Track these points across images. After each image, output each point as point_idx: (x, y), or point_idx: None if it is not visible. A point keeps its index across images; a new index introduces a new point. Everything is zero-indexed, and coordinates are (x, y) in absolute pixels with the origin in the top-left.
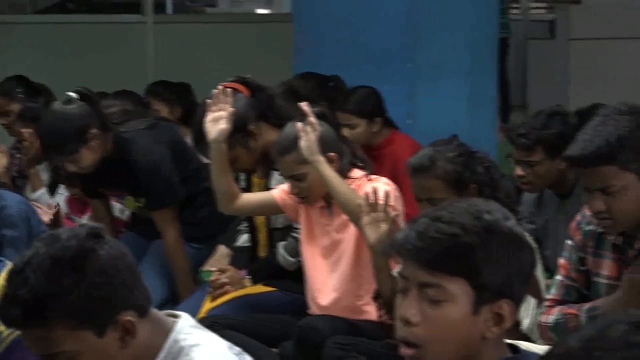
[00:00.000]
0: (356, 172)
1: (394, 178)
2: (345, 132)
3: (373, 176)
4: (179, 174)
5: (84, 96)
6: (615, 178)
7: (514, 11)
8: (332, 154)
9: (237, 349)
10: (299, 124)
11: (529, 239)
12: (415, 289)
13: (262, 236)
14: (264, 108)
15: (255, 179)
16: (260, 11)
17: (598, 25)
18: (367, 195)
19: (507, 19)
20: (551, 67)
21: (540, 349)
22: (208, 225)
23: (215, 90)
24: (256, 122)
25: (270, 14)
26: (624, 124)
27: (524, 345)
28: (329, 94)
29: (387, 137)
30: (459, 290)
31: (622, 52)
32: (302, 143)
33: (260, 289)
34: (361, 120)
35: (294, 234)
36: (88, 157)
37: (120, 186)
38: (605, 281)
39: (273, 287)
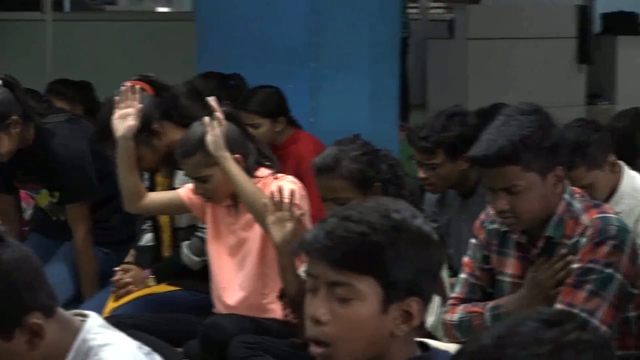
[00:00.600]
0: (262, 171)
1: (297, 177)
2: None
3: (279, 175)
4: (95, 172)
5: (6, 83)
6: (518, 178)
7: (413, 11)
8: (238, 155)
9: (147, 348)
10: (206, 119)
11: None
12: (324, 288)
13: (166, 236)
14: (168, 107)
15: (160, 179)
16: (160, 9)
17: (496, 25)
18: (272, 194)
19: (407, 18)
20: (450, 66)
21: (446, 346)
22: (120, 230)
23: (123, 87)
24: (160, 121)
25: (171, 12)
26: (527, 124)
27: (432, 343)
28: (230, 93)
29: (290, 136)
30: (367, 289)
31: (519, 51)
32: (208, 138)
33: (164, 288)
34: (264, 120)
35: (198, 234)
36: (6, 144)
37: (36, 178)
38: (509, 279)
39: (177, 286)
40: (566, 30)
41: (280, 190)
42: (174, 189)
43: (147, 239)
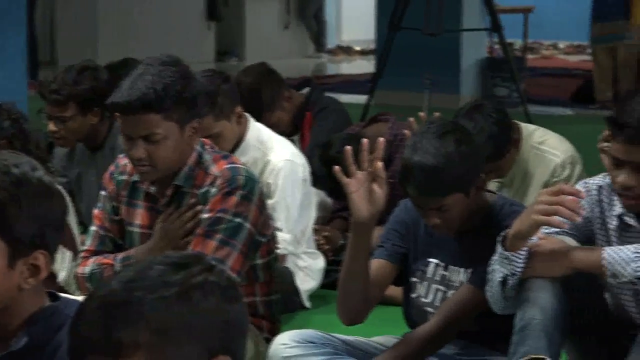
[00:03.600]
0: None
1: None
2: None
3: None
4: None
5: None
6: (158, 126)
7: None
8: None
9: None
10: None
11: (62, 190)
12: None
13: None
14: None
15: None
16: None
17: None
18: None
19: None
20: (79, 22)
21: (79, 300)
22: None
23: None
24: None
25: None
26: (168, 74)
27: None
28: None
29: None
30: None
31: (149, 7)
32: None
33: None
34: None
35: None
36: None
37: None
38: (138, 230)
39: None
40: None
41: None
42: None
43: None
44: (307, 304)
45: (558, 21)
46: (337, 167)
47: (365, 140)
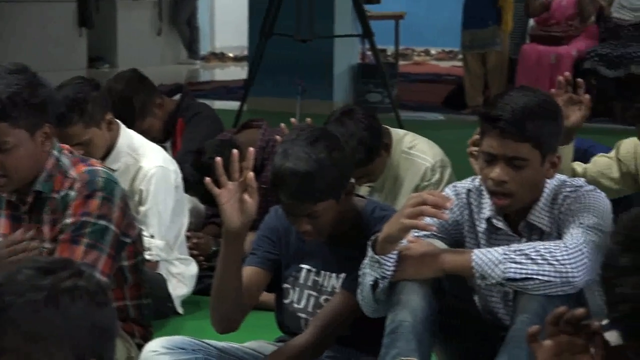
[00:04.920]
0: None
1: None
2: None
3: None
4: None
5: None
6: (6, 135)
7: None
8: None
9: None
10: None
11: None
12: None
13: None
14: None
15: None
16: None
17: None
18: None
19: None
20: None
21: None
22: None
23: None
24: None
25: None
26: (14, 82)
27: None
28: None
29: None
30: None
31: (21, 14)
32: None
33: None
34: None
35: None
36: None
37: None
38: (1, 239)
39: None
40: None
41: None
42: None
43: None
44: (180, 310)
45: (430, 27)
46: (207, 179)
47: (235, 151)
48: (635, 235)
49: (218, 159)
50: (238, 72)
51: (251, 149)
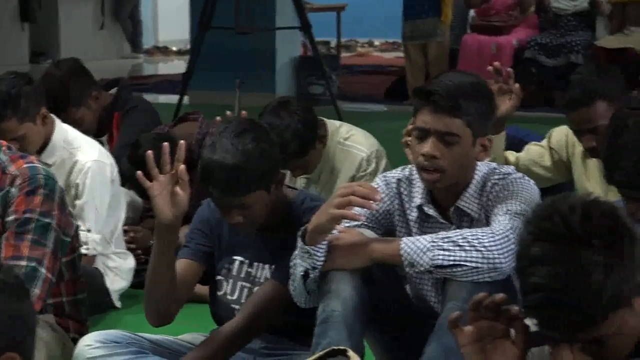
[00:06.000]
0: None
1: None
2: None
3: None
4: None
5: None
6: None
7: None
8: None
9: None
10: None
11: None
12: None
13: None
14: None
15: None
16: None
17: None
18: None
19: None
20: None
21: None
22: None
23: None
24: None
25: None
26: None
27: None
28: None
29: None
30: None
31: None
32: None
33: None
34: None
35: None
36: None
37: None
38: None
39: None
40: None
41: None
42: None
43: None
44: (118, 304)
45: (374, 19)
46: (139, 172)
47: (166, 144)
48: (546, 225)
49: (149, 152)
50: (181, 66)
51: (182, 141)
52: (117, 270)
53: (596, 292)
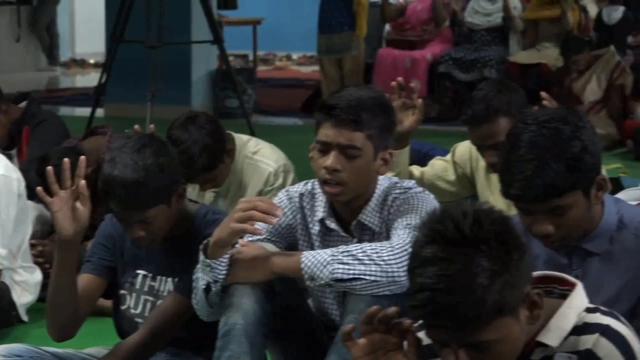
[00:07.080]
0: None
1: None
2: None
3: None
4: None
5: None
6: None
7: None
8: None
9: None
10: None
11: None
12: None
13: None
14: None
15: None
16: None
17: None
18: None
19: None
20: None
21: None
22: None
23: None
24: None
25: None
26: None
27: None
28: None
29: None
30: None
31: None
32: None
33: None
34: None
35: None
36: None
37: None
38: None
39: None
40: None
41: None
42: None
43: None
44: (25, 317)
45: (292, 32)
46: (39, 188)
47: (66, 160)
48: (439, 228)
49: (49, 168)
50: (98, 79)
51: (82, 157)
52: (24, 284)
53: (480, 295)
